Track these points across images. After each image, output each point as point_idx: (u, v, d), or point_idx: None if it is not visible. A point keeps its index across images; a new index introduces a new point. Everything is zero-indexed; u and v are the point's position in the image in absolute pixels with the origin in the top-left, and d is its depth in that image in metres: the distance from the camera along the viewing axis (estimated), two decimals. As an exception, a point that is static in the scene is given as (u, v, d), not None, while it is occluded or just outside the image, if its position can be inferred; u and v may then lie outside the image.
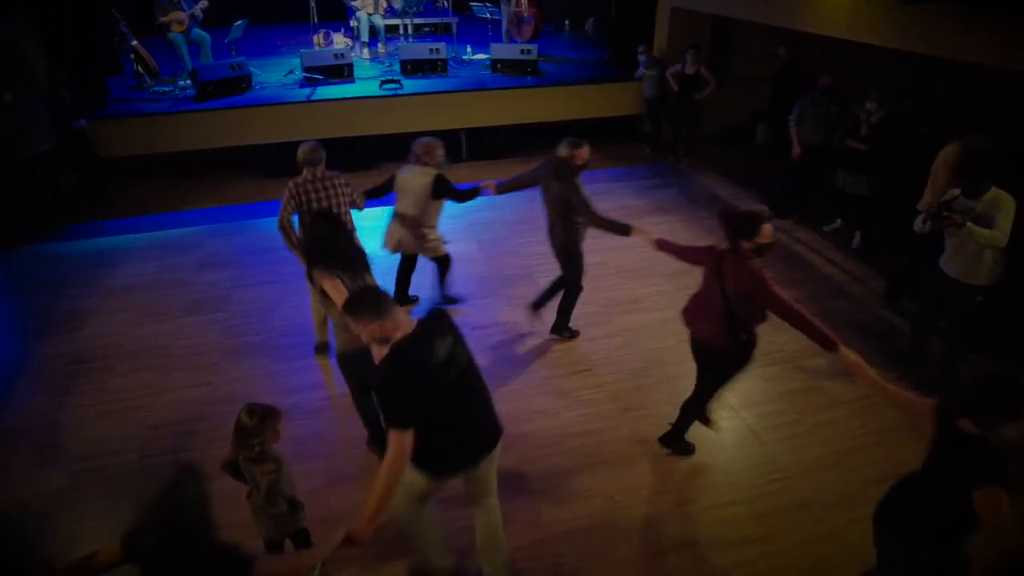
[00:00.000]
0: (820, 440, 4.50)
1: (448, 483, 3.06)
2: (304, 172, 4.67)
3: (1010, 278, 4.48)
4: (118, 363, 5.17)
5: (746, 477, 4.20)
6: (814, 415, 4.71)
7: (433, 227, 5.39)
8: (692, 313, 3.91)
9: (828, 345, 3.28)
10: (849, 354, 3.17)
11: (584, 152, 4.73)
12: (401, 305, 5.15)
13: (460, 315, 5.88)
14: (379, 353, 2.71)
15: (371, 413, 4.01)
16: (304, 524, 3.21)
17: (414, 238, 5.34)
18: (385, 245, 5.48)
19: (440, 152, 5.21)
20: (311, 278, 3.80)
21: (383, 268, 5.72)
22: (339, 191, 4.78)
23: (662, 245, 4.09)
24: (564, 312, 5.44)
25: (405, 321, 2.76)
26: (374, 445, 4.18)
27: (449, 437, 2.86)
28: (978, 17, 4.99)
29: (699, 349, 3.97)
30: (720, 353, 3.83)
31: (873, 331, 5.63)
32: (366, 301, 2.76)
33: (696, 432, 4.54)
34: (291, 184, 4.65)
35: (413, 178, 5.20)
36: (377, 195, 5.32)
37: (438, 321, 2.91)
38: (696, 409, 4.22)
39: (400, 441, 2.59)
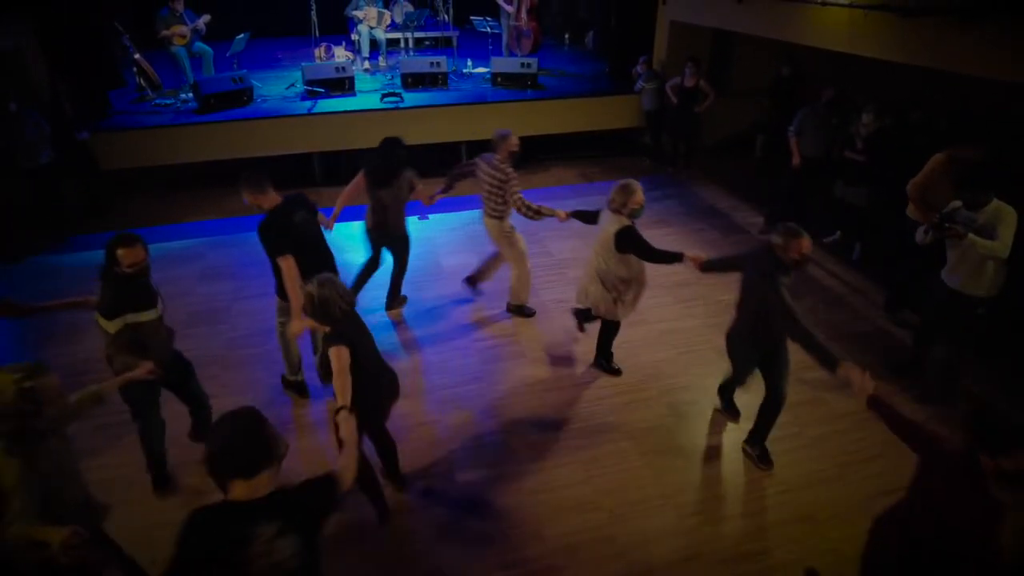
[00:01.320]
0: (821, 452, 4.48)
1: None
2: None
3: (1011, 289, 4.49)
4: (118, 375, 5.16)
5: (747, 490, 4.18)
6: (815, 427, 4.69)
7: (623, 286, 4.69)
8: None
9: None
10: None
11: (804, 244, 3.60)
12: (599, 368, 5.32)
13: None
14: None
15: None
16: None
17: (598, 291, 4.75)
18: (577, 298, 5.06)
19: (637, 199, 4.41)
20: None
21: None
22: (485, 178, 5.40)
23: (875, 404, 3.05)
24: (758, 428, 4.33)
25: (274, 197, 4.21)
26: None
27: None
28: (979, 29, 5.02)
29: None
30: None
31: (873, 342, 5.62)
32: (251, 179, 4.15)
33: (697, 443, 4.54)
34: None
35: (604, 224, 4.58)
36: (582, 219, 5.00)
37: (297, 198, 4.40)
38: None
39: (287, 262, 4.13)
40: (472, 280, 6.26)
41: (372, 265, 5.80)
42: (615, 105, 9.82)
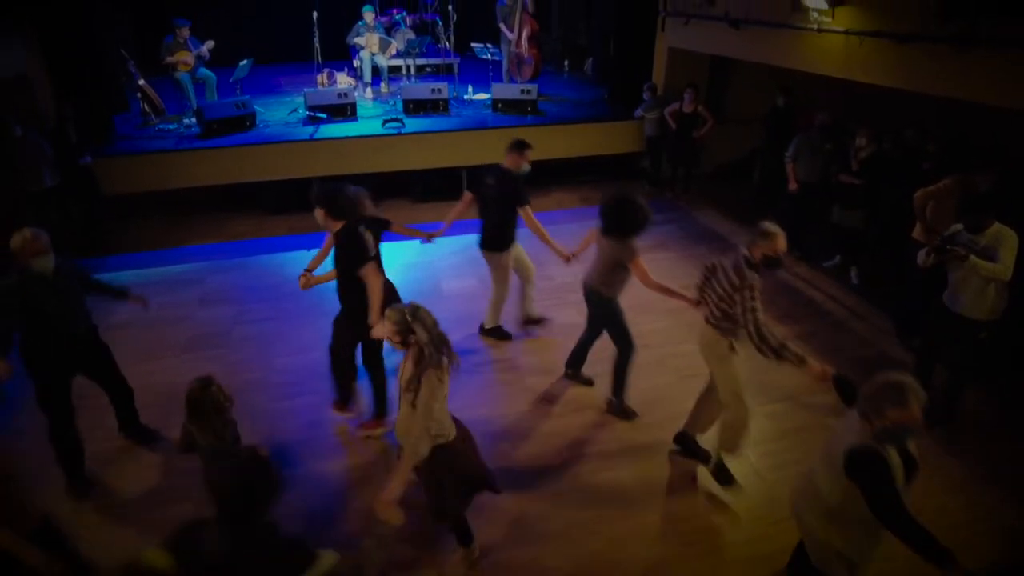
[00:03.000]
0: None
1: None
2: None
3: (1012, 312, 4.48)
4: (116, 400, 5.12)
5: (749, 517, 4.13)
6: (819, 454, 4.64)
7: (845, 524, 2.88)
8: None
9: None
10: None
11: None
12: None
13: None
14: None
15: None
16: None
17: (809, 521, 3.09)
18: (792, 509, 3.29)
19: (898, 411, 2.53)
20: None
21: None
22: (722, 277, 4.01)
23: None
24: None
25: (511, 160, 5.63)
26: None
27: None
28: (971, 55, 5.07)
29: None
30: None
31: (876, 366, 5.52)
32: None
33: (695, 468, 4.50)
34: None
35: (845, 424, 2.87)
36: (840, 393, 3.24)
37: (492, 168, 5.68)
38: None
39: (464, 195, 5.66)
40: None
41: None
42: (614, 130, 9.91)
